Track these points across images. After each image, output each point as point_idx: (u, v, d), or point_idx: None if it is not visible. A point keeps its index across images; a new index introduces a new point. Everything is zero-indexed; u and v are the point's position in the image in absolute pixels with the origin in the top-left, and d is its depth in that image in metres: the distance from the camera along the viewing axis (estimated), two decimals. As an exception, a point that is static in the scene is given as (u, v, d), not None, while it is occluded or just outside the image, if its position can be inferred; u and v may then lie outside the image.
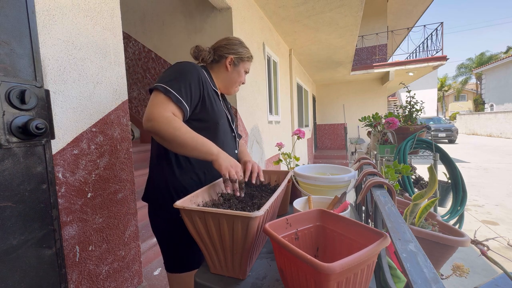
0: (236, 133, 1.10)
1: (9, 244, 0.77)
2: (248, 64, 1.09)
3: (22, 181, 0.80)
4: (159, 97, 0.78)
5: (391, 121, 1.75)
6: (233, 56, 1.03)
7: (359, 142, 9.28)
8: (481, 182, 5.04)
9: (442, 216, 1.31)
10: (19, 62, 0.81)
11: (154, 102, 0.77)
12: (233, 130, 1.07)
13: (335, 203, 0.72)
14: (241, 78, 1.08)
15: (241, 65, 1.05)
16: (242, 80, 1.09)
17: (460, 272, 0.67)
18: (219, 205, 0.67)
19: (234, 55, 1.03)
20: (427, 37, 7.91)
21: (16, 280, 0.78)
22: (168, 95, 0.78)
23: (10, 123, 0.77)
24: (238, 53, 1.04)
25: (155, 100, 0.77)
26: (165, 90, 0.78)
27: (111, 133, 1.18)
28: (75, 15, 1.03)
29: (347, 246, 0.50)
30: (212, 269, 0.60)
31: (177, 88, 0.80)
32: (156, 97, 0.78)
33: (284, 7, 3.20)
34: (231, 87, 1.08)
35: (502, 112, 14.50)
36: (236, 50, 1.04)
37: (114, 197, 1.20)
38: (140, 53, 3.15)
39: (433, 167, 0.86)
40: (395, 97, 18.52)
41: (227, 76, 1.05)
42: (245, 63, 1.07)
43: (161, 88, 0.78)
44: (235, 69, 1.05)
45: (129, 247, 1.29)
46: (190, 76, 0.85)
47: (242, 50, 1.05)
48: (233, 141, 1.06)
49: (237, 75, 1.06)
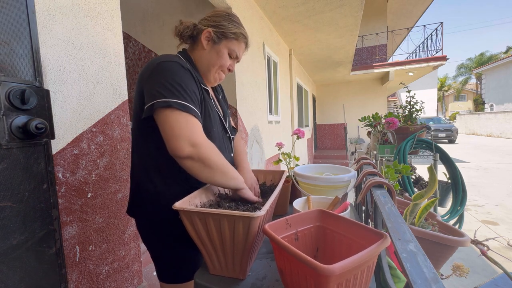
0: (230, 132, 0.93)
1: (9, 244, 0.77)
2: (237, 44, 0.83)
3: (22, 181, 0.80)
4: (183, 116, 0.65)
5: (391, 121, 1.75)
6: (212, 29, 0.79)
7: (359, 142, 9.28)
8: (481, 182, 5.04)
9: (442, 216, 1.31)
10: (19, 62, 0.81)
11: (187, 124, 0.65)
12: (227, 131, 0.91)
13: (335, 204, 0.72)
14: (222, 61, 0.82)
15: (224, 44, 0.81)
16: (224, 64, 0.83)
17: (460, 272, 0.67)
18: (216, 205, 0.67)
19: (214, 28, 0.79)
20: (427, 37, 7.91)
21: (16, 280, 0.78)
22: (191, 113, 0.66)
23: (10, 123, 0.77)
24: (220, 26, 0.80)
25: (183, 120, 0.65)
26: (185, 108, 0.66)
27: (111, 133, 1.18)
28: (75, 15, 1.03)
29: (347, 246, 0.50)
30: (211, 270, 0.60)
31: (191, 100, 0.68)
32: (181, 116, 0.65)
33: (284, 7, 3.20)
34: (208, 72, 0.83)
35: (502, 112, 14.50)
36: (218, 23, 0.80)
37: (114, 197, 1.20)
38: (140, 53, 3.15)
39: (433, 167, 0.86)
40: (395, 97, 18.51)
41: (203, 56, 0.82)
42: (231, 41, 0.81)
43: (180, 106, 0.65)
44: (213, 48, 0.81)
45: (129, 247, 1.29)
46: (189, 81, 0.72)
47: (226, 24, 0.81)
48: (228, 143, 0.91)
49: (215, 55, 0.81)
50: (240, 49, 0.85)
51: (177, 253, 0.80)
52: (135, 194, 0.82)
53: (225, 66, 0.84)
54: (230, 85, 2.48)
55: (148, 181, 0.77)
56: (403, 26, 10.02)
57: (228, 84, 2.48)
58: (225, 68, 0.85)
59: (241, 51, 0.87)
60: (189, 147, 0.64)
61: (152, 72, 0.70)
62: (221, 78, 0.87)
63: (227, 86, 2.48)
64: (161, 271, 0.83)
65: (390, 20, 9.51)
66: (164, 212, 0.73)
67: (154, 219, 0.78)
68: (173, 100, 0.65)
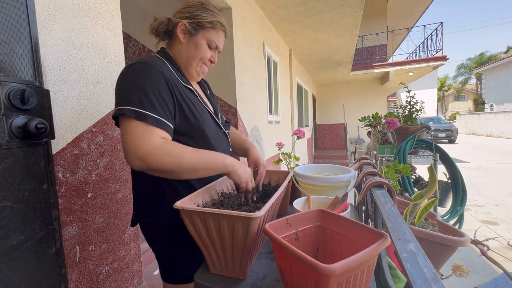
0: (224, 127, 0.91)
1: (9, 244, 0.77)
2: (214, 34, 0.79)
3: (22, 181, 0.80)
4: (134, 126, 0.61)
5: (391, 121, 1.75)
6: (187, 21, 0.76)
7: (359, 142, 9.28)
8: (481, 182, 5.05)
9: (442, 216, 1.31)
10: (19, 62, 0.81)
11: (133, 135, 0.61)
12: (220, 127, 0.88)
13: (335, 204, 0.72)
14: (202, 53, 0.78)
15: (201, 35, 0.77)
16: (204, 55, 0.79)
17: (460, 272, 0.67)
18: (219, 205, 0.67)
19: (189, 19, 0.76)
20: (427, 37, 7.92)
21: (16, 280, 0.78)
22: (145, 120, 0.61)
23: (10, 123, 0.77)
24: (195, 16, 0.76)
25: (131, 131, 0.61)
26: (137, 115, 0.61)
27: (111, 133, 1.18)
28: (75, 15, 1.03)
29: (347, 246, 0.50)
30: (212, 269, 0.60)
31: (150, 105, 0.63)
32: (131, 126, 0.61)
33: (284, 7, 3.20)
34: (189, 66, 0.80)
35: (502, 112, 14.50)
36: (193, 13, 0.77)
37: (114, 197, 1.20)
38: (140, 53, 3.15)
39: (433, 167, 0.86)
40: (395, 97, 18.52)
41: (181, 50, 0.79)
42: (208, 31, 0.78)
43: (132, 113, 0.61)
44: (191, 40, 0.78)
45: (129, 247, 1.29)
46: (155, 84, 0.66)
47: (201, 13, 0.77)
48: (224, 139, 0.89)
49: (194, 48, 0.78)
50: (219, 38, 0.81)
51: (181, 254, 0.80)
52: (138, 197, 0.81)
53: (205, 57, 0.80)
54: (230, 85, 2.48)
55: (151, 184, 0.76)
56: (403, 26, 10.02)
57: (228, 84, 2.48)
58: (206, 60, 0.81)
59: (221, 40, 0.82)
60: (137, 161, 0.61)
61: (122, 76, 0.68)
62: (204, 71, 0.84)
63: (227, 86, 2.48)
64: (165, 271, 0.83)
65: (390, 20, 9.51)
66: (167, 213, 0.73)
67: (157, 221, 0.78)
68: (126, 107, 0.62)
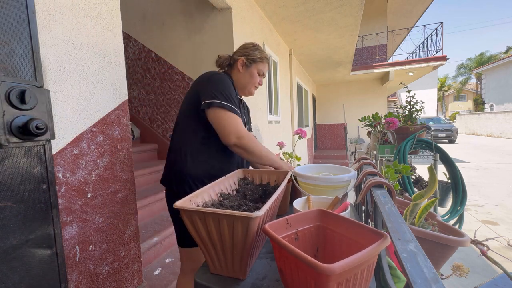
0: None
1: (9, 244, 0.77)
2: (262, 65, 1.13)
3: (22, 181, 0.80)
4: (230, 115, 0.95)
5: (391, 121, 1.75)
6: (244, 57, 1.10)
7: (359, 142, 9.28)
8: (481, 182, 5.05)
9: (442, 216, 1.31)
10: (19, 62, 0.81)
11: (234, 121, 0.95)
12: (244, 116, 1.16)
13: (335, 204, 0.72)
14: (254, 80, 1.13)
15: (253, 66, 1.11)
16: (256, 81, 1.14)
17: (460, 272, 0.67)
18: (218, 205, 0.67)
19: (245, 56, 1.10)
20: (427, 37, 7.92)
21: (16, 280, 0.78)
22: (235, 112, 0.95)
23: (10, 123, 0.77)
24: (249, 54, 1.11)
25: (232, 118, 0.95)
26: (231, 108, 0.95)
27: (111, 133, 1.18)
28: (75, 15, 1.03)
29: (347, 246, 0.50)
30: (212, 269, 0.60)
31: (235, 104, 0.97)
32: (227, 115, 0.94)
33: (284, 7, 3.20)
34: (245, 89, 1.15)
35: (502, 112, 14.50)
36: (248, 52, 1.11)
37: (114, 197, 1.20)
38: (140, 53, 3.15)
39: (433, 167, 0.86)
40: (395, 97, 18.52)
41: (240, 78, 1.13)
42: (258, 64, 1.12)
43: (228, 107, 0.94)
44: (247, 71, 1.12)
45: (129, 247, 1.29)
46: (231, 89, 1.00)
47: (253, 52, 1.11)
48: None
49: (249, 76, 1.12)
50: (265, 68, 1.16)
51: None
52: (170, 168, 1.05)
53: (256, 82, 1.15)
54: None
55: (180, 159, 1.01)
56: (403, 26, 10.02)
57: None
58: (257, 84, 1.16)
59: (266, 69, 1.17)
60: (235, 139, 0.94)
61: (210, 78, 1.01)
62: (253, 92, 1.19)
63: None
64: (182, 236, 1.02)
65: (390, 20, 9.51)
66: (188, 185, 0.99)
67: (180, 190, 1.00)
68: (225, 103, 0.94)
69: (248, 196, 0.80)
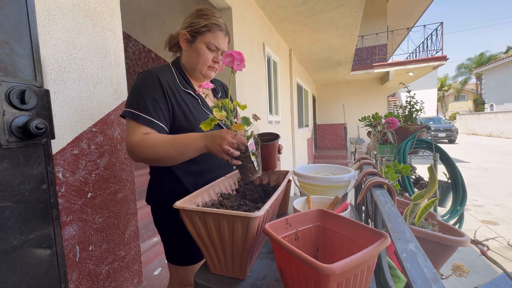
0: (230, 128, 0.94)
1: (9, 244, 0.77)
2: (211, 36, 0.83)
3: (22, 181, 0.80)
4: (130, 125, 0.76)
5: (391, 121, 1.75)
6: (186, 30, 0.83)
7: (359, 142, 9.28)
8: (481, 182, 5.04)
9: (442, 216, 1.31)
10: (19, 62, 0.81)
11: (127, 132, 0.76)
12: (222, 127, 0.92)
13: (335, 204, 0.72)
14: (203, 57, 0.84)
15: (199, 40, 0.83)
16: (206, 59, 0.84)
17: (460, 272, 0.67)
18: (218, 205, 0.67)
19: (187, 28, 0.83)
20: (427, 37, 7.92)
21: (16, 280, 0.78)
22: (138, 121, 0.75)
23: (10, 123, 0.77)
24: (192, 24, 0.82)
25: (128, 129, 0.76)
26: (133, 115, 0.75)
27: (111, 133, 1.18)
28: (75, 15, 1.03)
29: (347, 246, 0.50)
30: (212, 269, 0.60)
31: (144, 108, 0.75)
32: (129, 126, 0.76)
33: (284, 7, 3.20)
34: (195, 71, 0.87)
35: (502, 112, 14.50)
36: (190, 22, 0.83)
37: (114, 197, 1.20)
38: (140, 53, 3.15)
39: (433, 167, 0.86)
40: (395, 97, 18.51)
41: (185, 58, 0.87)
42: (204, 36, 0.82)
43: (129, 114, 0.75)
44: (191, 47, 0.84)
45: (129, 247, 1.29)
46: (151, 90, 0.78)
47: (196, 20, 0.82)
48: None
49: (195, 54, 0.84)
50: (217, 38, 0.84)
51: (183, 238, 0.86)
52: (151, 184, 0.93)
53: (207, 60, 0.85)
54: (230, 85, 2.48)
55: (160, 173, 0.88)
56: (403, 26, 10.02)
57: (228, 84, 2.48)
58: (209, 63, 0.86)
59: (220, 40, 0.86)
60: (130, 154, 0.76)
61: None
62: (210, 74, 0.89)
63: (227, 86, 2.48)
64: (169, 254, 0.93)
65: (390, 20, 9.51)
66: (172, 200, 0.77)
67: (165, 206, 0.86)
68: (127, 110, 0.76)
69: (248, 196, 0.80)
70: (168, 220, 0.89)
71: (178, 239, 0.89)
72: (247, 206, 0.68)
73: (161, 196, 0.89)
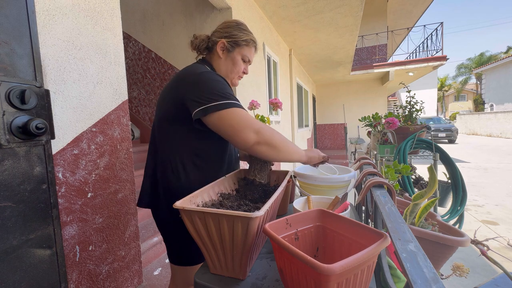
0: None
1: (9, 244, 0.77)
2: (247, 50, 0.91)
3: (22, 181, 0.80)
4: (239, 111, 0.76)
5: (391, 121, 1.75)
6: (225, 40, 0.88)
7: (359, 142, 9.28)
8: (481, 182, 5.04)
9: (442, 216, 1.31)
10: (19, 62, 0.81)
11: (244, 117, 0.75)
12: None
13: (335, 204, 0.72)
14: (238, 67, 0.91)
15: (237, 51, 0.90)
16: (239, 69, 0.92)
17: (460, 272, 0.67)
18: (218, 205, 0.67)
19: (227, 38, 0.88)
20: (427, 37, 7.92)
21: (16, 279, 0.78)
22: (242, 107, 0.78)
23: (10, 123, 0.77)
24: (232, 36, 0.88)
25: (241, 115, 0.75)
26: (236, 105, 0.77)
27: (111, 133, 1.18)
28: (75, 15, 1.03)
29: (347, 246, 0.50)
30: (212, 269, 0.60)
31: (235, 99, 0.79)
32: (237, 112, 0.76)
33: (284, 7, 3.20)
34: (226, 78, 0.92)
35: (502, 112, 14.50)
36: (230, 33, 0.89)
37: (114, 197, 1.20)
38: (140, 53, 3.15)
39: (433, 167, 0.86)
40: (395, 97, 18.52)
41: (220, 64, 0.91)
42: (242, 48, 0.90)
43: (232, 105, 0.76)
44: (228, 56, 0.90)
45: (129, 247, 1.29)
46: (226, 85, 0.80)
47: (237, 33, 0.89)
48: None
49: (231, 63, 0.90)
50: (251, 53, 0.94)
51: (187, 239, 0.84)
52: (155, 186, 0.88)
53: (241, 70, 0.94)
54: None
55: (172, 174, 0.84)
56: (403, 26, 10.02)
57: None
58: (241, 72, 0.95)
59: (252, 55, 0.95)
60: (253, 134, 0.74)
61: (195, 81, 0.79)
62: (236, 83, 0.98)
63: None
64: (174, 254, 0.92)
65: (390, 20, 9.51)
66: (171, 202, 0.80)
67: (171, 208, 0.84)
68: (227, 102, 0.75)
69: (248, 196, 0.80)
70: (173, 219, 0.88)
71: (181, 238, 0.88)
72: (247, 206, 0.68)
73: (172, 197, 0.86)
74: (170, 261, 0.94)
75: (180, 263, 0.91)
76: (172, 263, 0.93)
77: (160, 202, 0.88)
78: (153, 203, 0.90)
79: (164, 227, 0.91)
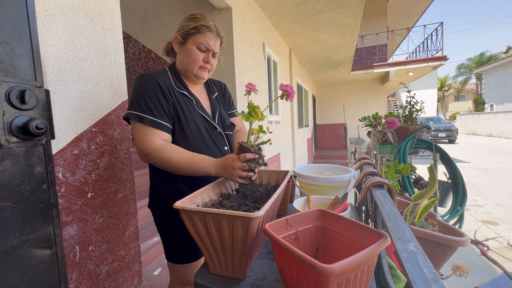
0: (221, 128, 0.98)
1: (9, 244, 0.77)
2: (201, 37, 0.86)
3: (22, 181, 0.80)
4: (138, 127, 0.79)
5: (391, 121, 1.75)
6: (178, 33, 0.88)
7: (359, 142, 9.28)
8: (481, 182, 5.04)
9: (442, 216, 1.31)
10: (19, 62, 0.81)
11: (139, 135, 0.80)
12: (215, 127, 0.95)
13: (335, 204, 0.72)
14: (194, 57, 0.87)
15: (190, 41, 0.86)
16: (197, 59, 0.87)
17: (460, 272, 0.67)
18: (218, 205, 0.67)
19: (178, 32, 0.88)
20: (427, 37, 7.92)
21: (16, 280, 0.78)
22: (143, 122, 0.78)
23: (10, 123, 0.77)
24: (182, 28, 0.87)
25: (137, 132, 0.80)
26: (137, 117, 0.79)
27: (111, 133, 1.18)
28: (75, 15, 1.03)
29: (347, 246, 0.50)
30: (212, 269, 0.60)
31: (147, 110, 0.79)
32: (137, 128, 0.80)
33: (284, 7, 3.20)
34: (188, 72, 0.90)
35: (502, 112, 14.50)
36: (181, 26, 0.88)
37: (114, 197, 1.20)
38: (140, 53, 3.15)
39: (433, 167, 0.86)
40: (395, 97, 18.52)
41: (178, 60, 0.91)
42: (195, 37, 0.86)
43: (134, 116, 0.79)
44: (183, 49, 0.88)
45: (129, 247, 1.29)
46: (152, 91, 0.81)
47: (187, 23, 0.87)
48: (219, 139, 0.97)
49: (186, 55, 0.87)
50: (207, 39, 0.87)
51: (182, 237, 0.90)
52: (150, 189, 0.97)
53: (198, 60, 0.88)
54: (230, 85, 2.48)
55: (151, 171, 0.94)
56: (403, 26, 10.02)
57: (228, 84, 2.48)
58: (200, 63, 0.89)
59: (210, 40, 0.88)
60: (143, 157, 0.81)
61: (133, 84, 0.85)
62: (202, 75, 0.92)
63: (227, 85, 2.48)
64: (168, 252, 0.96)
65: (390, 20, 9.51)
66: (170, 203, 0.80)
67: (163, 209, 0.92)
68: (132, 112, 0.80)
69: (248, 196, 0.80)
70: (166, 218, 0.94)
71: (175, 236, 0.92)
72: (247, 206, 0.68)
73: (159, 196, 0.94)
74: (166, 258, 0.99)
75: (172, 260, 0.96)
76: (167, 261, 0.98)
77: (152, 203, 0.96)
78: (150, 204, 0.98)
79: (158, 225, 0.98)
